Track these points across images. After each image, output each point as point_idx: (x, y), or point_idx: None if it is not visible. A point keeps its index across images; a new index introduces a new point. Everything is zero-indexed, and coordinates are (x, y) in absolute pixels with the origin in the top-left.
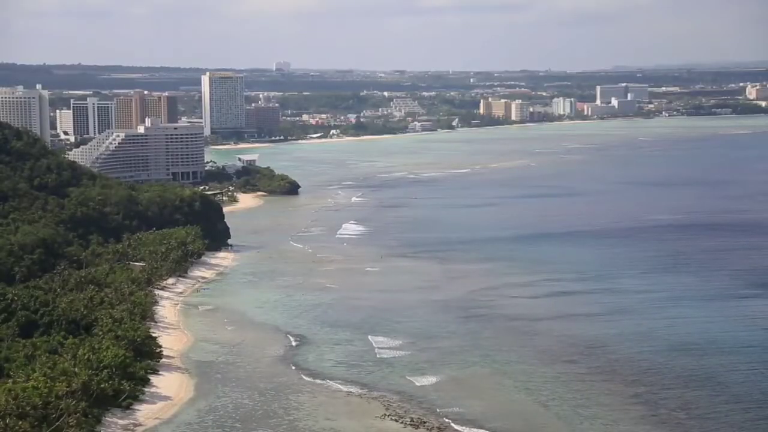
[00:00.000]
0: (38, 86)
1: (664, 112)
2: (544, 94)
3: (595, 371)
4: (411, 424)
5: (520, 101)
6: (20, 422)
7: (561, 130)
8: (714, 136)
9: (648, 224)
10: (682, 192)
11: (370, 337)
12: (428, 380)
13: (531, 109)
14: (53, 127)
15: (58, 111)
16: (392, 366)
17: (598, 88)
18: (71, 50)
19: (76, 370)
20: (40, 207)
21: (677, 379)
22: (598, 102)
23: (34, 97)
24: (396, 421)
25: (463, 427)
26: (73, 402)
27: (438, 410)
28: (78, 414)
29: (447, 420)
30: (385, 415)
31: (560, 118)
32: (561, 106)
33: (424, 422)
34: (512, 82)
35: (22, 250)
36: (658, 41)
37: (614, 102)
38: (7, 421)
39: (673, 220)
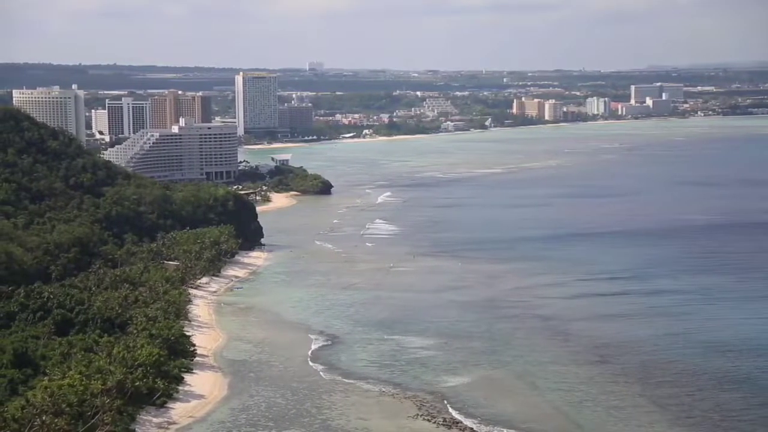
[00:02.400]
0: (74, 86)
1: (699, 112)
2: (577, 93)
3: (628, 372)
4: (443, 425)
5: (553, 101)
6: (56, 420)
7: (595, 129)
8: (750, 136)
9: (683, 224)
10: (718, 192)
11: (402, 336)
12: (460, 380)
13: (564, 109)
14: (89, 126)
15: (93, 111)
16: (424, 366)
17: (633, 87)
18: (106, 50)
19: (111, 368)
20: (76, 206)
21: (712, 381)
22: (632, 102)
23: (69, 97)
24: (428, 421)
25: (496, 428)
26: (108, 400)
27: (470, 411)
28: (113, 412)
29: (479, 421)
30: (418, 415)
31: (594, 117)
32: (595, 105)
33: (457, 422)
34: (546, 82)
35: (58, 248)
36: (694, 40)
37: (649, 102)
38: (44, 418)
39: (708, 220)
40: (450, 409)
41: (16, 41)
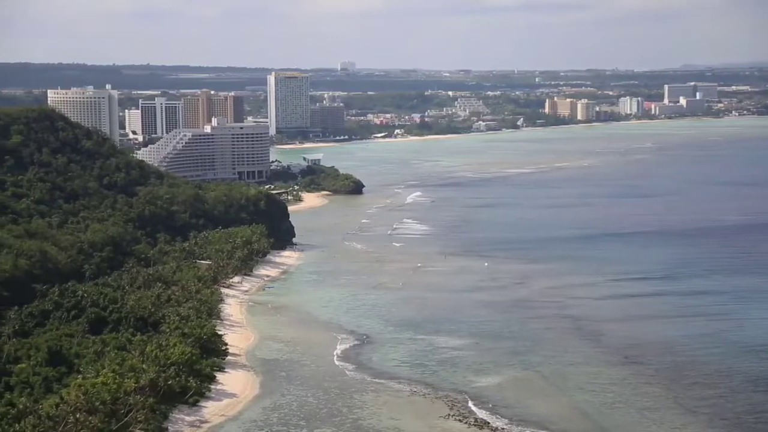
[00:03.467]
0: (108, 86)
1: (733, 112)
2: (610, 93)
3: (662, 373)
4: (475, 425)
5: (586, 100)
6: (90, 417)
7: (628, 129)
8: None
9: (717, 224)
10: (753, 192)
11: (433, 336)
12: (492, 381)
13: (597, 109)
14: (122, 126)
15: (126, 111)
16: (456, 366)
17: (666, 87)
18: (140, 51)
19: (144, 366)
20: (109, 205)
21: (746, 382)
22: (665, 101)
23: (103, 97)
24: (460, 421)
25: (527, 429)
26: (141, 398)
27: (501, 411)
28: (146, 410)
29: (510, 421)
30: (449, 415)
31: (627, 117)
32: (628, 105)
33: (488, 423)
34: (578, 82)
35: (91, 248)
36: (728, 39)
37: (682, 101)
38: (78, 416)
39: (743, 220)
40: (481, 410)
41: (51, 42)
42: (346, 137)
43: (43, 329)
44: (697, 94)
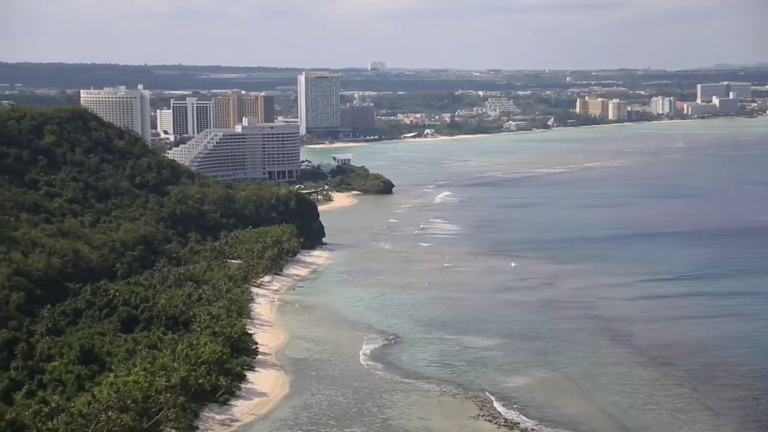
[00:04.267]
0: (139, 86)
1: (767, 111)
2: (642, 93)
3: (693, 375)
4: (505, 425)
5: (617, 100)
6: (122, 416)
7: (660, 129)
8: None
9: (750, 225)
10: None
11: (462, 336)
12: (521, 381)
13: (629, 108)
14: (154, 126)
15: (158, 110)
16: (485, 366)
17: (699, 86)
18: (172, 51)
19: (175, 365)
20: (141, 205)
21: None
22: (698, 101)
23: (135, 97)
24: (490, 421)
25: (556, 430)
26: (172, 397)
27: (531, 412)
28: (177, 408)
29: (540, 422)
30: (479, 415)
31: (659, 117)
32: (660, 105)
33: (518, 423)
34: (609, 81)
35: (123, 246)
36: (762, 38)
37: (715, 101)
38: (109, 414)
39: None
40: (510, 410)
41: (84, 42)
42: (376, 137)
43: (76, 328)
44: (731, 93)
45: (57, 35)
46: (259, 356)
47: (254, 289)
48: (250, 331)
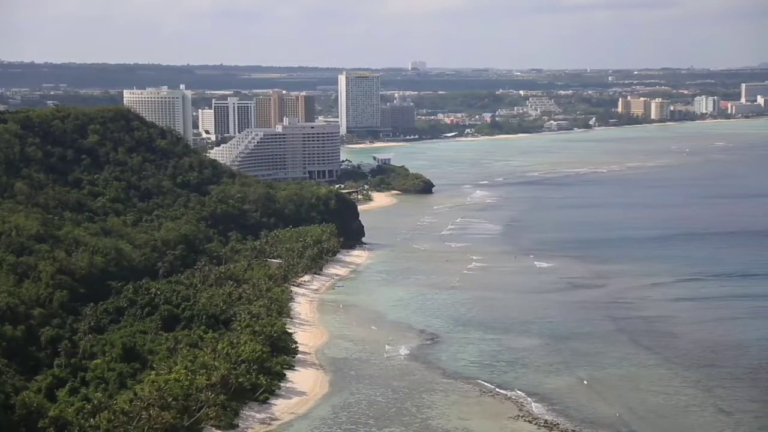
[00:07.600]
0: (182, 86)
1: None
2: (685, 92)
3: (737, 376)
4: (545, 426)
5: (659, 100)
6: (163, 413)
7: (703, 129)
8: None
9: None
10: None
11: (502, 336)
12: (562, 381)
13: (671, 108)
14: (195, 126)
15: (200, 110)
16: (526, 366)
17: (743, 85)
18: (213, 51)
19: (215, 363)
20: (183, 204)
21: None
22: (743, 100)
23: (177, 97)
24: (529, 422)
25: (597, 431)
26: (213, 395)
27: (571, 413)
28: (217, 407)
29: (580, 423)
30: (519, 416)
31: (702, 116)
32: (703, 104)
33: (557, 424)
34: (652, 81)
35: (165, 245)
36: None
37: (760, 100)
38: (151, 411)
39: None
40: (550, 411)
41: (130, 43)
42: (417, 137)
43: (118, 326)
44: None
45: (101, 36)
46: (298, 355)
47: (294, 289)
48: (289, 330)
